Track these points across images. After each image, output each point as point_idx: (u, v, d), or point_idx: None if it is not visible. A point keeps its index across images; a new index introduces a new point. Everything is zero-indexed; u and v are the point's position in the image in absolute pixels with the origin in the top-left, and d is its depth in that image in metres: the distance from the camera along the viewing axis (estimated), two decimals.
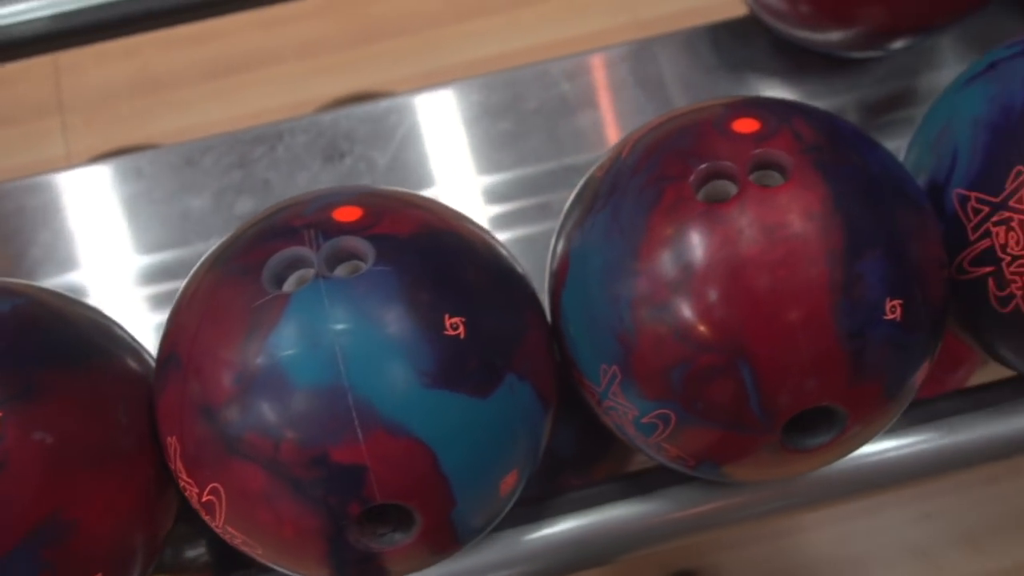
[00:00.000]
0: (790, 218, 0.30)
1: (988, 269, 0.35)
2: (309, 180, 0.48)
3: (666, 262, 0.31)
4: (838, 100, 0.51)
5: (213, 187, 0.48)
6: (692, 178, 0.31)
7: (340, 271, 0.31)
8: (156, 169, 0.49)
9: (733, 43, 0.52)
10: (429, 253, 0.32)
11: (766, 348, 0.30)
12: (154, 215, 0.49)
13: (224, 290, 0.31)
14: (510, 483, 0.33)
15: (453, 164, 0.49)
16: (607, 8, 0.92)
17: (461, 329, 0.30)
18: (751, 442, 0.32)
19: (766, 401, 0.31)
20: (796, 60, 0.51)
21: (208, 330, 0.31)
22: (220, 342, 0.30)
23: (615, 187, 0.34)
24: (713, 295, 0.30)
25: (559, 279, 0.35)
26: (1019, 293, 0.34)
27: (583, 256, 0.34)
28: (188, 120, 0.89)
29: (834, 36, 0.45)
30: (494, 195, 0.48)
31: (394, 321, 0.30)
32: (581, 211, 0.35)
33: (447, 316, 0.30)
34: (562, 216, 0.37)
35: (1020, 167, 0.33)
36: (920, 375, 0.33)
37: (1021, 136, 0.34)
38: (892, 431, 0.40)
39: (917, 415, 0.40)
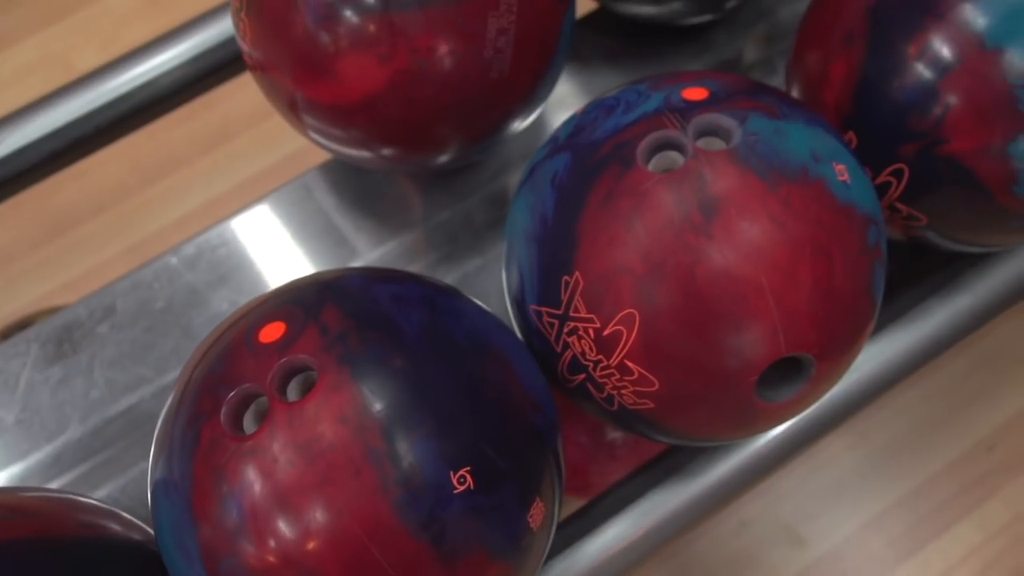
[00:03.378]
0: (321, 430, 0.28)
1: (582, 376, 0.35)
2: None
3: (219, 510, 0.28)
4: (463, 206, 0.50)
5: None
6: (223, 411, 0.29)
7: None
8: None
9: (346, 175, 0.50)
10: None
11: (341, 571, 0.28)
12: None
13: None
14: None
15: (91, 396, 0.46)
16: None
17: None
18: None
19: None
20: (406, 179, 0.50)
21: None
22: None
23: (168, 433, 0.31)
24: (272, 534, 0.28)
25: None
26: (616, 393, 0.34)
27: (157, 514, 0.31)
28: None
29: (423, 166, 0.44)
30: (128, 424, 0.45)
31: None
32: (152, 458, 0.32)
33: None
34: None
35: (566, 277, 0.33)
36: (535, 515, 0.32)
37: (558, 245, 0.33)
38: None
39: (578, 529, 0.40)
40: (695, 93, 0.33)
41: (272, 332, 0.30)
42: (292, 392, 0.30)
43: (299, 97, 0.39)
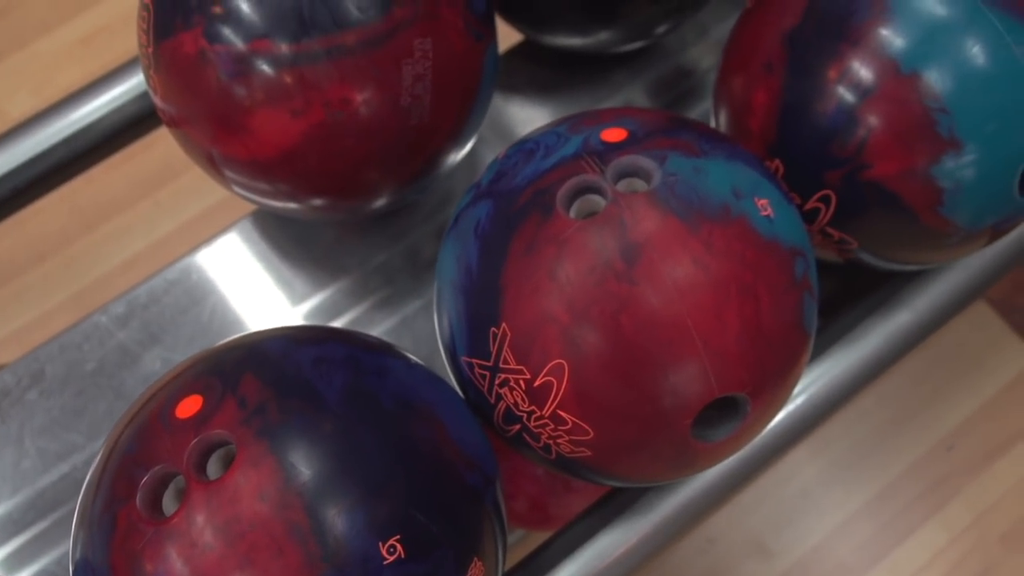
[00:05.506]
0: (240, 509, 0.27)
1: (517, 427, 0.34)
2: None
3: None
4: (402, 246, 0.49)
5: None
6: (139, 495, 0.28)
7: None
8: None
9: (283, 221, 0.49)
10: None
11: None
12: None
13: None
14: None
15: (22, 466, 0.44)
16: None
17: None
18: None
19: None
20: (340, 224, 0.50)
21: None
22: None
23: (88, 511, 0.30)
24: None
25: None
26: (552, 443, 0.33)
27: None
28: None
29: (358, 212, 0.43)
30: (61, 493, 0.43)
31: None
32: (73, 535, 0.31)
33: None
34: None
35: (494, 329, 0.32)
36: (474, 575, 0.31)
37: (484, 296, 0.32)
38: None
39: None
40: (614, 134, 0.33)
41: (189, 407, 0.29)
42: (214, 467, 0.29)
43: (215, 153, 0.38)
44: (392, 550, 0.28)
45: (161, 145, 0.90)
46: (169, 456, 0.28)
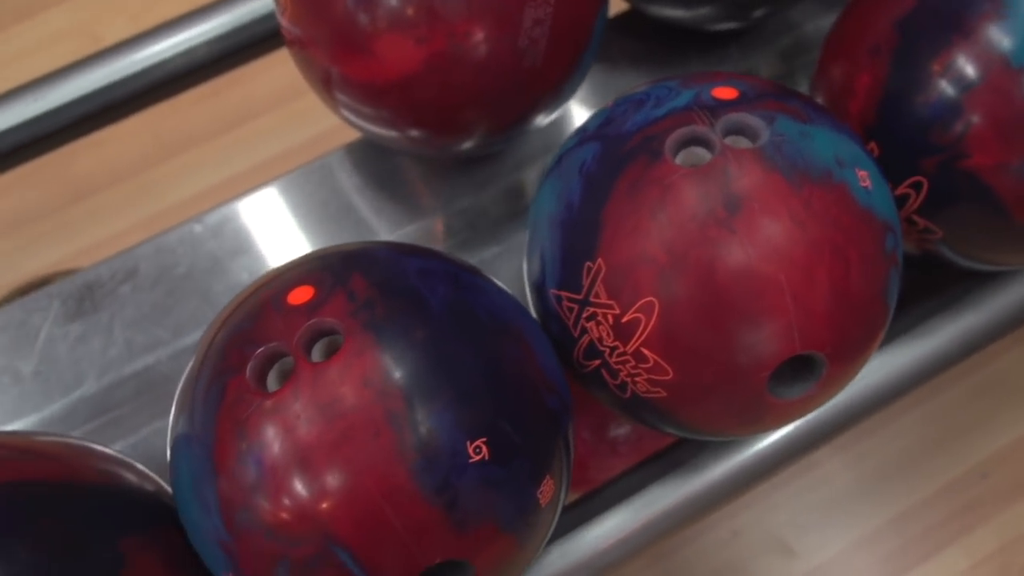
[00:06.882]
0: (343, 391, 0.29)
1: (597, 362, 0.35)
2: None
3: (240, 463, 0.29)
4: (482, 195, 0.51)
5: None
6: (250, 367, 0.30)
7: None
8: None
9: (369, 157, 0.51)
10: None
11: (353, 529, 0.28)
12: None
13: None
14: None
15: (108, 354, 0.46)
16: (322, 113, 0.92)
17: None
18: None
19: None
20: (428, 165, 0.51)
21: None
22: None
23: (191, 390, 0.32)
24: (288, 488, 0.29)
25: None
26: (630, 380, 0.35)
27: (176, 466, 0.32)
28: None
29: (447, 150, 0.45)
30: (142, 384, 0.46)
31: None
32: (173, 417, 0.33)
33: None
34: None
35: (589, 263, 0.34)
36: (545, 492, 0.33)
37: (582, 231, 0.34)
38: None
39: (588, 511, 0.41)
40: (725, 92, 0.34)
41: (300, 295, 0.31)
42: (316, 355, 0.31)
43: (334, 73, 0.40)
44: (478, 451, 0.30)
45: (245, 84, 0.93)
46: (281, 336, 0.30)
